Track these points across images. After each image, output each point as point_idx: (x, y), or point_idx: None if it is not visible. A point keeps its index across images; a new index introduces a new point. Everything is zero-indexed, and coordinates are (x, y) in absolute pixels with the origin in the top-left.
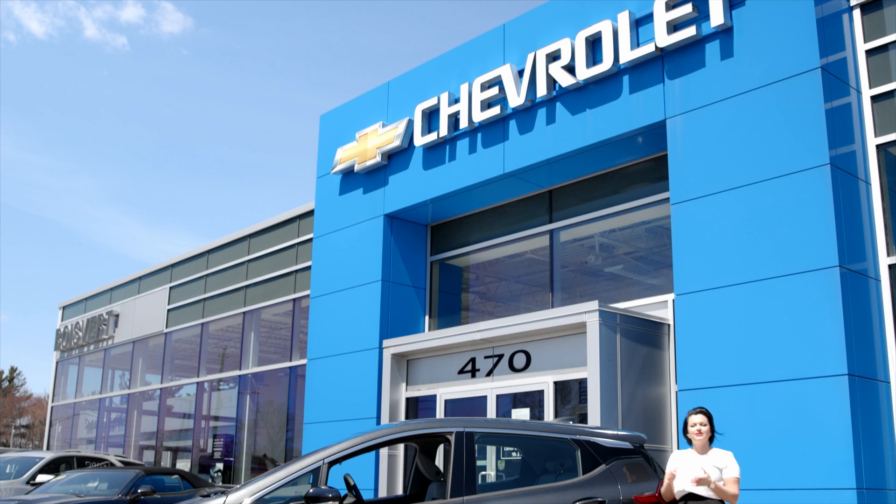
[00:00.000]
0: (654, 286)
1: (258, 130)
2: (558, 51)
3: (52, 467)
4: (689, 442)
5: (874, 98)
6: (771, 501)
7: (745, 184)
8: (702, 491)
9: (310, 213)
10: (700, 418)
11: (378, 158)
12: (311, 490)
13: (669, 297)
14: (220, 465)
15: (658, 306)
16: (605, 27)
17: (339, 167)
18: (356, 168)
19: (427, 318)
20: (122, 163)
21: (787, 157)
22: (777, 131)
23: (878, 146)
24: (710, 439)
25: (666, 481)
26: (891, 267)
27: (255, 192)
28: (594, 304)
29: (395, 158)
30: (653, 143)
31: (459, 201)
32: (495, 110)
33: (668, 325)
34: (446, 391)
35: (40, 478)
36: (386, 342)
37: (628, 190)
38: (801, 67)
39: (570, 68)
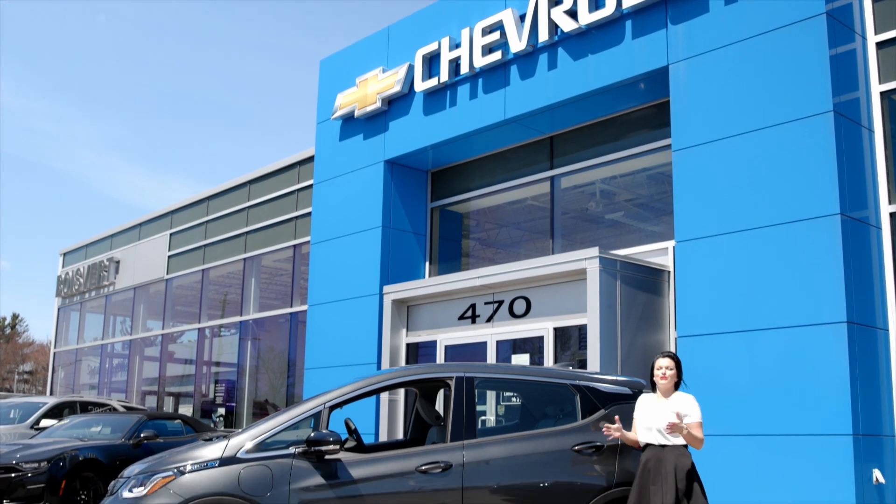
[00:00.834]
0: (655, 233)
1: (258, 76)
2: None
3: (56, 412)
4: (654, 386)
5: (879, 44)
6: (768, 447)
7: (747, 131)
8: (659, 438)
9: (310, 160)
10: (666, 362)
11: (378, 104)
12: (312, 434)
13: (670, 244)
14: (221, 411)
15: (658, 253)
16: None
17: (339, 113)
18: (356, 114)
19: (427, 264)
20: (122, 109)
21: (790, 103)
22: (780, 78)
23: (882, 93)
24: (676, 385)
25: (633, 429)
26: (892, 215)
27: (255, 138)
28: (594, 251)
29: (396, 104)
30: (655, 90)
31: (460, 147)
32: (496, 55)
33: (669, 271)
34: (446, 337)
35: (44, 423)
36: (386, 288)
37: (630, 136)
38: (805, 13)
39: (572, 13)
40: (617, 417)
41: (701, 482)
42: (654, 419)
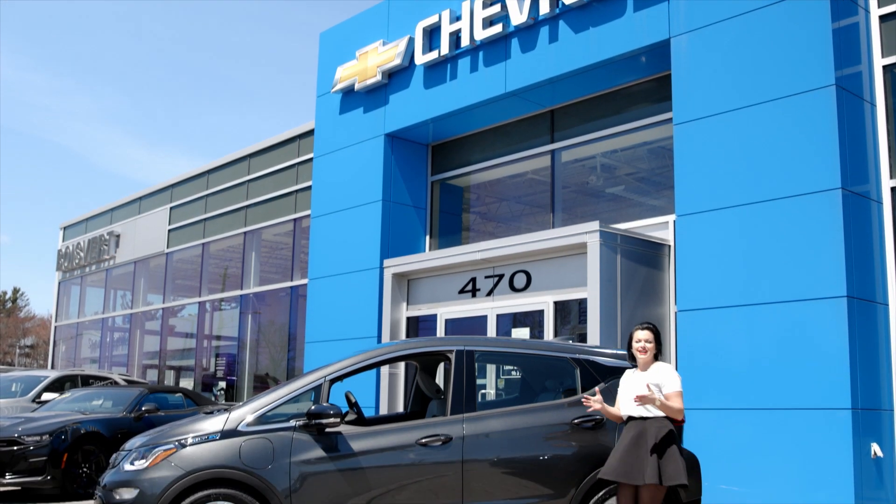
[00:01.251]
0: (656, 207)
1: (258, 49)
2: None
3: (57, 386)
4: (633, 359)
5: (882, 18)
6: (767, 421)
7: (749, 104)
8: (640, 411)
9: (310, 133)
10: (645, 334)
11: (378, 77)
12: (312, 407)
13: (670, 217)
14: (222, 384)
15: (659, 227)
16: None
17: (339, 86)
18: (356, 87)
19: (428, 238)
20: (120, 82)
21: (792, 77)
22: (783, 51)
23: (884, 67)
24: (656, 357)
25: (616, 403)
26: (893, 189)
27: (255, 112)
28: (595, 225)
29: (396, 77)
30: (656, 63)
31: (460, 121)
32: (497, 28)
33: (669, 245)
34: (447, 311)
35: (45, 396)
36: (387, 262)
37: (631, 110)
38: None
39: None
40: (597, 389)
41: (680, 446)
42: (635, 392)
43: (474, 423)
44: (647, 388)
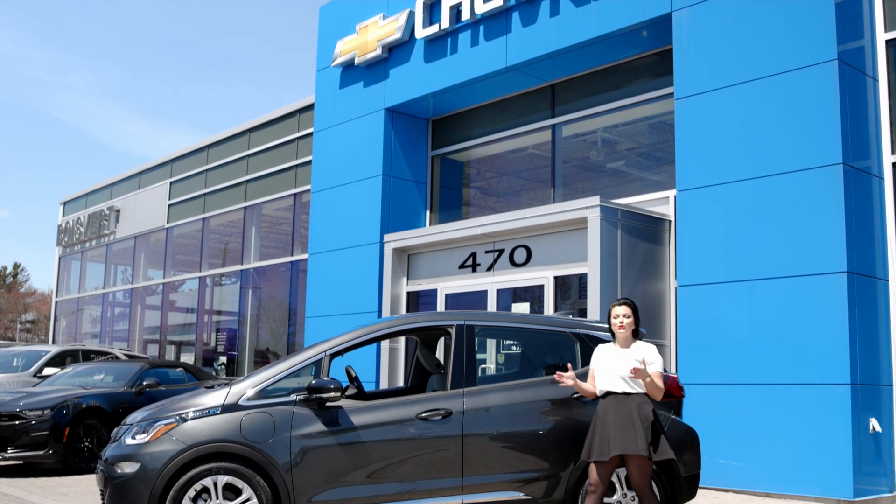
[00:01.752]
0: (656, 182)
1: (258, 23)
2: None
3: (58, 361)
4: (613, 335)
5: None
6: (767, 396)
7: (750, 79)
8: (623, 387)
9: (310, 108)
10: (623, 310)
11: (379, 51)
12: (313, 381)
13: (671, 193)
14: (223, 359)
15: (659, 202)
16: None
17: (339, 60)
18: (356, 61)
19: (428, 212)
20: (119, 57)
21: (794, 52)
22: (784, 25)
23: (887, 41)
24: (635, 333)
25: (588, 379)
26: (895, 165)
27: (255, 86)
28: (595, 200)
29: (396, 51)
30: (658, 37)
31: (461, 95)
32: (498, 2)
33: (669, 221)
34: (447, 285)
35: (46, 371)
36: (387, 237)
37: (632, 84)
38: None
39: None
40: (570, 365)
41: (664, 431)
42: (618, 367)
43: (474, 398)
44: (642, 364)
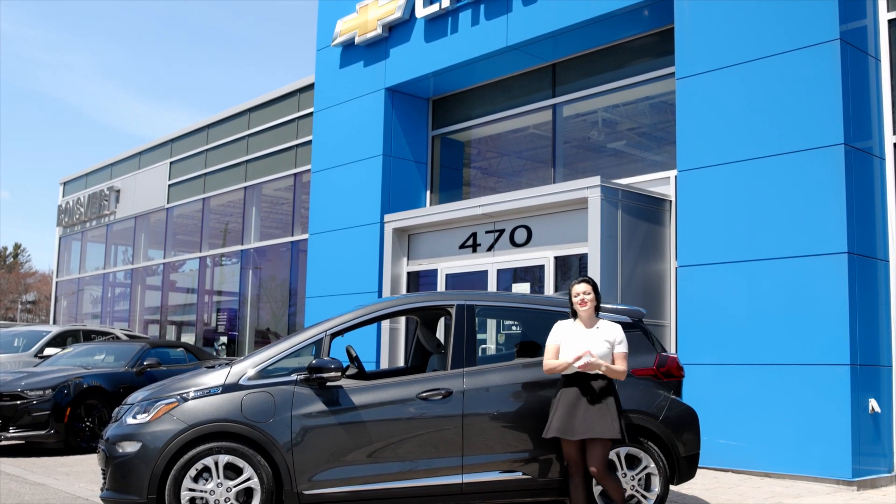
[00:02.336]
0: (657, 162)
1: (258, 2)
2: None
3: (59, 341)
4: (574, 313)
5: None
6: (767, 376)
7: (752, 59)
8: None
9: (310, 87)
10: (584, 287)
11: (379, 30)
12: (313, 361)
13: (672, 173)
14: (224, 339)
15: (660, 182)
16: None
17: (339, 39)
18: (357, 40)
19: (428, 192)
20: (118, 37)
21: (795, 31)
22: (786, 4)
23: (889, 21)
24: (596, 309)
25: (547, 355)
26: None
27: (255, 66)
28: (596, 180)
29: (397, 30)
30: (659, 17)
31: (461, 75)
32: None
33: (670, 201)
34: (447, 266)
35: (47, 351)
36: (387, 217)
37: (633, 64)
38: None
39: None
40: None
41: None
42: (587, 347)
43: (474, 378)
44: (608, 346)
